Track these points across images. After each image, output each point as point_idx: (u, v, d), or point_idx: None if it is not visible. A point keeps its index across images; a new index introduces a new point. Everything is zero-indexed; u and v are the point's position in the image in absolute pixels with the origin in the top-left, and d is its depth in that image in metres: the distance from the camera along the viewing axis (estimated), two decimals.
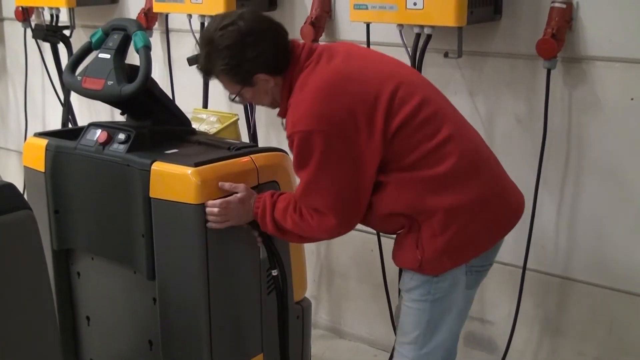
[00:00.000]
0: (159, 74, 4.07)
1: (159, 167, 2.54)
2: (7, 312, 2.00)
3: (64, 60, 4.22)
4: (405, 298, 2.50)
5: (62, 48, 4.32)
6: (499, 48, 3.14)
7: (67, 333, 2.97)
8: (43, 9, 4.43)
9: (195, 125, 3.03)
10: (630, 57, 2.85)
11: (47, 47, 4.46)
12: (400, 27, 3.14)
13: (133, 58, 2.71)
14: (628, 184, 2.95)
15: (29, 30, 4.53)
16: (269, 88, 2.43)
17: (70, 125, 4.33)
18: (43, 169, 2.82)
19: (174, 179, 2.51)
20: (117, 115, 3.14)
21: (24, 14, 4.64)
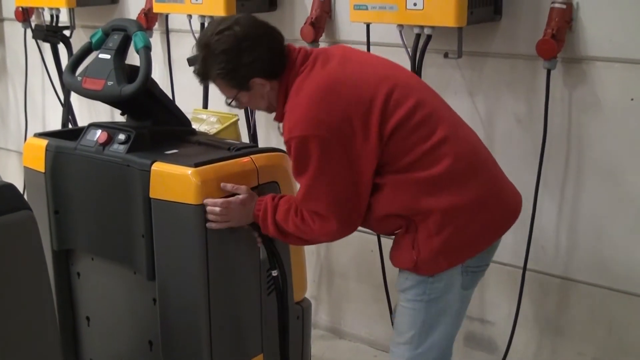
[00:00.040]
0: (159, 75, 4.07)
1: (159, 167, 2.54)
2: (7, 312, 2.00)
3: (64, 61, 4.22)
4: (401, 298, 2.51)
5: (62, 48, 4.32)
6: (499, 48, 3.14)
7: (67, 333, 2.97)
8: (43, 10, 4.43)
9: (195, 126, 3.03)
10: (630, 57, 2.85)
11: (47, 47, 4.46)
12: (400, 27, 3.14)
13: (133, 58, 2.71)
14: (628, 184, 2.95)
15: (29, 31, 4.53)
16: (265, 92, 2.44)
17: (70, 126, 4.33)
18: (43, 170, 2.82)
19: (174, 180, 2.51)
20: (117, 116, 3.14)
21: (24, 15, 4.64)
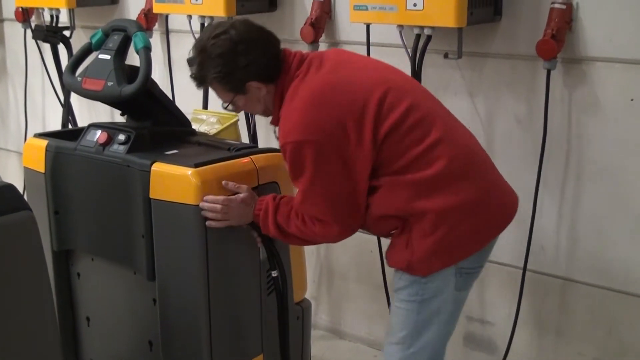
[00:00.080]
0: (159, 75, 4.07)
1: (159, 167, 2.54)
2: (7, 312, 2.00)
3: (64, 61, 4.22)
4: (394, 298, 2.52)
5: (62, 49, 4.32)
6: (499, 49, 3.14)
7: (67, 334, 2.97)
8: (43, 10, 4.43)
9: (195, 126, 3.03)
10: (630, 57, 2.85)
11: (47, 47, 4.46)
12: (400, 28, 3.14)
13: (133, 59, 2.71)
14: (628, 185, 2.95)
15: (29, 31, 4.53)
16: (262, 96, 2.46)
17: (70, 126, 4.33)
18: (43, 170, 2.82)
19: (174, 180, 2.51)
20: (117, 116, 3.14)
21: (24, 15, 4.64)
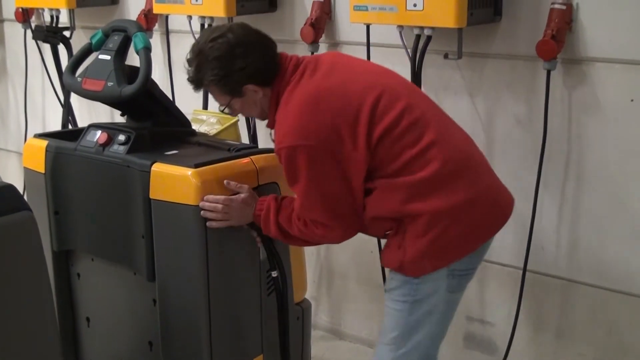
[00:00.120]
0: (159, 75, 4.07)
1: (159, 168, 2.54)
2: (7, 313, 2.00)
3: (64, 62, 4.22)
4: (386, 298, 2.53)
5: (62, 49, 4.32)
6: (499, 49, 3.14)
7: (67, 334, 2.97)
8: (43, 10, 4.43)
9: (195, 127, 3.03)
10: (630, 58, 2.85)
11: (47, 48, 4.46)
12: (400, 28, 3.14)
13: (133, 59, 2.71)
14: (628, 185, 2.95)
15: (29, 32, 4.53)
16: (258, 99, 2.47)
17: (70, 127, 4.33)
18: (43, 170, 2.82)
19: (174, 180, 2.51)
20: (117, 117, 3.14)
21: (24, 15, 4.64)
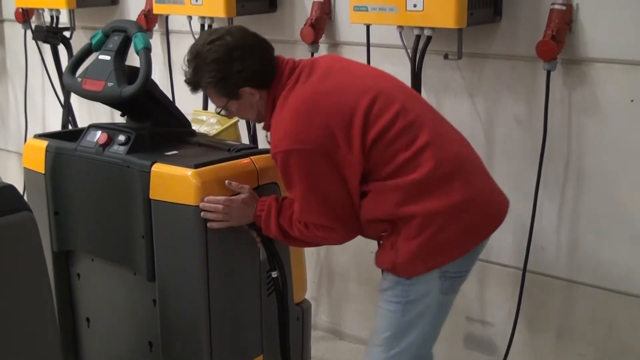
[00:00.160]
0: (159, 76, 4.07)
1: (159, 168, 2.54)
2: (7, 313, 2.00)
3: (64, 62, 4.22)
4: (380, 299, 2.53)
5: (62, 49, 4.32)
6: (499, 50, 3.14)
7: (67, 334, 2.97)
8: (43, 11, 4.43)
9: (195, 127, 3.03)
10: (630, 58, 2.85)
11: (47, 48, 4.46)
12: (400, 28, 3.13)
13: (133, 60, 2.71)
14: (628, 185, 2.95)
15: (29, 32, 4.53)
16: (255, 102, 2.48)
17: (70, 127, 4.33)
18: (43, 171, 2.82)
19: (174, 181, 2.52)
20: (117, 117, 3.14)
21: (24, 16, 4.64)
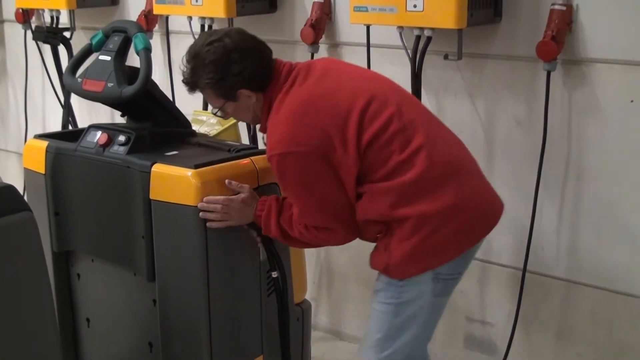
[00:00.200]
0: (159, 76, 4.07)
1: (159, 169, 2.54)
2: (7, 313, 2.00)
3: (64, 62, 4.22)
4: (373, 300, 2.54)
5: (62, 50, 4.32)
6: (499, 50, 3.14)
7: (67, 335, 2.97)
8: (43, 11, 4.43)
9: (196, 127, 3.03)
10: (630, 59, 2.85)
11: (47, 48, 4.46)
12: (400, 29, 3.13)
13: (133, 60, 2.71)
14: (628, 186, 2.95)
15: (29, 32, 4.53)
16: (251, 104, 2.49)
17: (71, 127, 4.33)
18: (43, 171, 2.82)
19: (174, 181, 2.52)
20: (117, 117, 3.14)
21: (24, 16, 4.64)
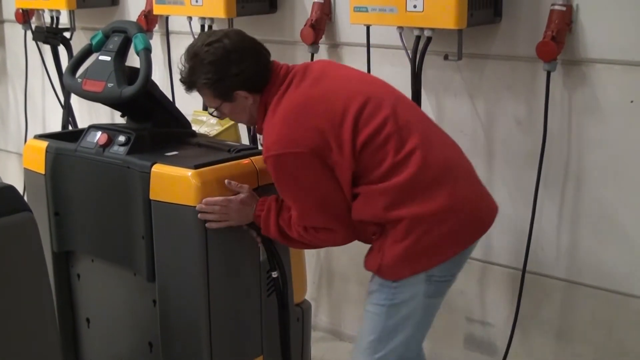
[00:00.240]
0: (159, 76, 4.07)
1: (159, 169, 2.54)
2: (7, 313, 2.00)
3: (64, 63, 4.22)
4: (366, 302, 2.54)
5: (62, 50, 4.32)
6: (499, 50, 3.14)
7: (67, 335, 2.97)
8: (43, 11, 4.43)
9: (196, 128, 3.03)
10: (630, 59, 2.85)
11: (47, 49, 4.46)
12: (400, 29, 3.13)
13: (133, 60, 2.71)
14: (628, 186, 2.95)
15: (29, 33, 4.53)
16: (248, 105, 2.50)
17: (71, 128, 4.33)
18: (43, 171, 2.82)
19: (174, 181, 2.52)
20: (117, 118, 3.14)
21: (24, 16, 4.64)
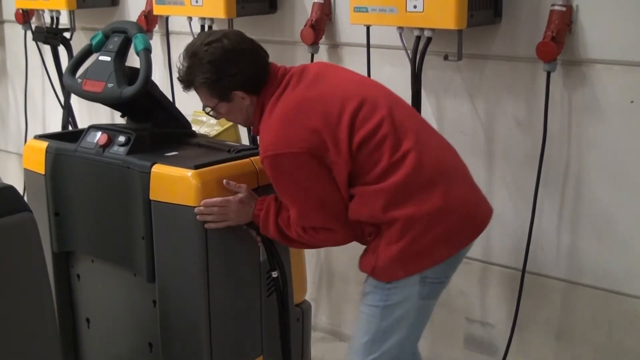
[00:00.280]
0: (159, 77, 4.07)
1: (159, 169, 2.54)
2: (7, 314, 2.00)
3: (64, 63, 4.22)
4: (360, 303, 2.54)
5: (62, 50, 4.32)
6: (499, 51, 3.14)
7: (67, 335, 2.97)
8: (43, 12, 4.43)
9: (196, 128, 3.03)
10: (630, 60, 2.85)
11: (47, 49, 4.47)
12: (400, 29, 3.13)
13: (133, 60, 2.71)
14: (628, 186, 2.95)
15: (29, 33, 4.53)
16: (245, 106, 2.50)
17: (71, 128, 4.33)
18: (43, 172, 2.82)
19: (174, 182, 2.52)
20: (117, 118, 3.14)
21: (24, 17, 4.64)
